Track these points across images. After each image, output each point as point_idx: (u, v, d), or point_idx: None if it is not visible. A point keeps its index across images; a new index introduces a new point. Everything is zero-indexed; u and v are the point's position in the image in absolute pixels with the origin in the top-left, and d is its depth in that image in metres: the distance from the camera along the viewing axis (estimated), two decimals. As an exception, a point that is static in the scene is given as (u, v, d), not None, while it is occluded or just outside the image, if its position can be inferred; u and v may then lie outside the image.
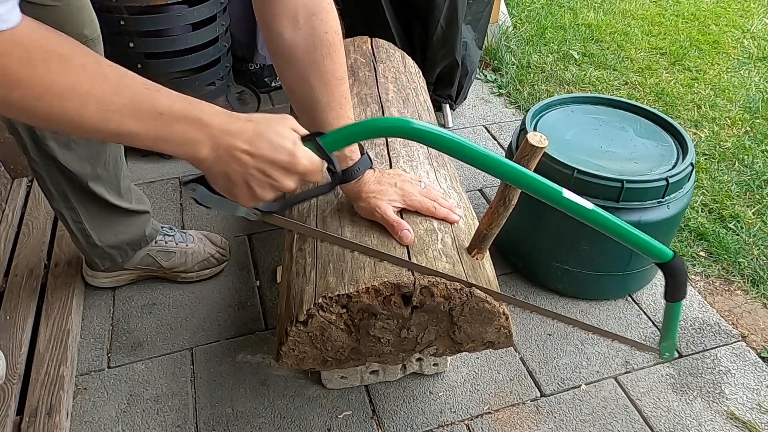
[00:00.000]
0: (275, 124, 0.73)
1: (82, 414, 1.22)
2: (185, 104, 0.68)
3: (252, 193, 0.74)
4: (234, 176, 0.72)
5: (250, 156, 0.70)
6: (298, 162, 0.73)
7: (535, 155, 0.85)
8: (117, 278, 1.45)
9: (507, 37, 2.59)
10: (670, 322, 1.00)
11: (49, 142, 1.13)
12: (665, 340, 1.03)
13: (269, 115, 0.74)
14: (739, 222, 1.72)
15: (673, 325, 1.00)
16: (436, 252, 0.96)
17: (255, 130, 0.70)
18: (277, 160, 0.71)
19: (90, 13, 1.10)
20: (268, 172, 0.72)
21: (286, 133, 0.73)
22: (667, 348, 1.04)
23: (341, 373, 1.23)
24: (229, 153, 0.70)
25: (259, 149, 0.70)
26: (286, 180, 0.73)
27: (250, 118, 0.71)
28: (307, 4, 0.89)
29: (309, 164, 0.74)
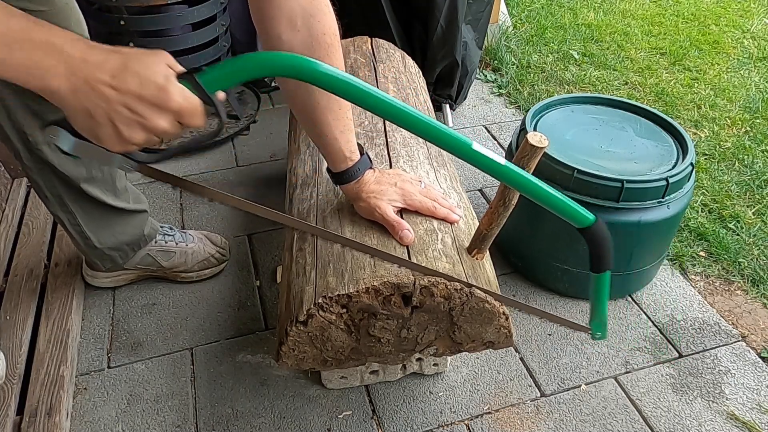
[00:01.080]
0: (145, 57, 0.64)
1: (82, 414, 1.22)
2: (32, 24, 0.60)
3: (118, 133, 0.64)
4: (96, 113, 0.63)
5: (113, 89, 0.62)
6: (170, 98, 0.64)
7: (535, 155, 0.85)
8: (117, 278, 1.45)
9: (507, 37, 2.59)
10: (597, 295, 0.93)
11: (41, 146, 1.13)
12: (595, 317, 0.96)
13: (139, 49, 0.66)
14: (739, 222, 1.72)
15: (602, 300, 0.93)
16: (436, 252, 0.96)
17: (121, 61, 0.62)
18: (146, 95, 0.63)
19: (77, 15, 1.10)
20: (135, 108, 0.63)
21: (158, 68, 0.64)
22: (597, 326, 0.97)
23: (341, 373, 1.23)
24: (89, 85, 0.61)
25: (125, 82, 0.62)
26: (156, 118, 0.64)
27: (115, 50, 0.64)
28: (304, 6, 0.89)
29: (183, 101, 0.65)
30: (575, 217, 0.85)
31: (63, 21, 1.03)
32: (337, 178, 1.02)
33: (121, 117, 0.63)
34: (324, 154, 1.01)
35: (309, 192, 1.14)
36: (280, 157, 1.95)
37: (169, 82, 0.64)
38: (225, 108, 0.70)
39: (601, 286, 0.92)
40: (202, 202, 1.77)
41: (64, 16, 1.04)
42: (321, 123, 0.95)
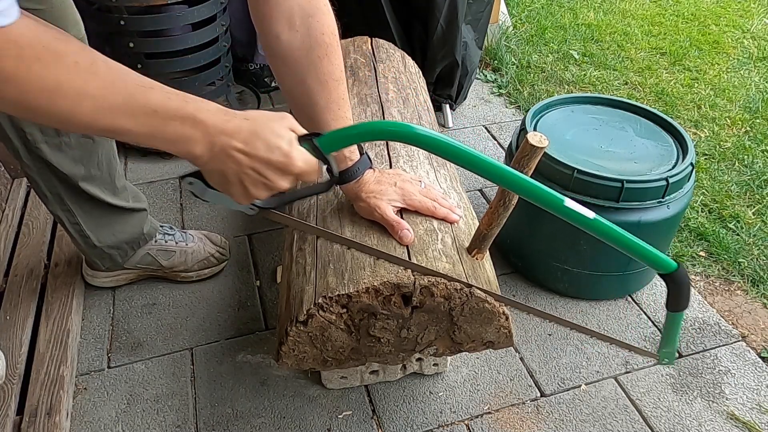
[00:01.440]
0: (272, 123, 0.72)
1: (82, 414, 1.22)
2: (180, 102, 0.67)
3: (246, 191, 0.74)
4: (229, 174, 0.72)
5: (245, 155, 0.70)
6: (293, 163, 0.72)
7: (535, 155, 0.85)
8: (117, 278, 1.45)
9: (507, 37, 2.59)
10: (671, 330, 1.01)
11: (40, 145, 1.13)
12: (665, 347, 1.03)
13: (267, 112, 0.73)
14: (739, 222, 1.72)
15: (674, 333, 1.01)
16: (436, 252, 0.96)
17: (251, 129, 0.70)
18: (272, 160, 0.71)
19: (74, 15, 1.10)
20: (262, 171, 0.72)
21: (283, 133, 0.72)
22: (666, 354, 1.05)
23: (341, 373, 1.23)
24: (225, 151, 0.70)
25: (255, 149, 0.70)
26: (280, 180, 0.73)
27: (246, 116, 0.71)
28: (303, 5, 0.89)
29: (304, 165, 0.74)
30: (660, 265, 0.90)
31: (60, 20, 1.03)
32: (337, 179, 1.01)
33: (250, 179, 0.72)
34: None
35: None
36: (280, 157, 1.94)
37: (293, 147, 0.73)
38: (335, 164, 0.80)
39: (676, 323, 0.99)
40: (201, 203, 1.76)
41: (61, 15, 1.04)
42: (320, 123, 0.95)
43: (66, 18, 1.06)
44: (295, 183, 0.76)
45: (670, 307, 0.96)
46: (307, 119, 0.97)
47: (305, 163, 0.74)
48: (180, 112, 0.67)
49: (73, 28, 1.07)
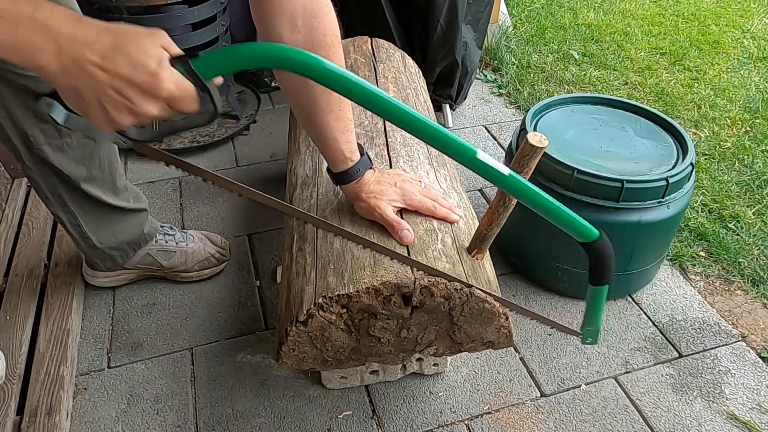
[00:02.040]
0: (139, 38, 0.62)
1: (82, 414, 1.22)
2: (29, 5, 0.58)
3: (106, 115, 0.63)
4: (85, 93, 0.61)
5: (103, 71, 0.60)
6: (161, 85, 0.62)
7: (535, 155, 0.85)
8: (117, 278, 1.45)
9: (507, 37, 2.59)
10: (593, 306, 0.95)
11: (42, 146, 1.13)
12: (588, 325, 0.99)
13: (135, 27, 0.63)
14: (739, 222, 1.72)
15: (597, 310, 0.95)
16: (436, 252, 0.96)
17: (112, 41, 0.60)
18: (136, 79, 0.61)
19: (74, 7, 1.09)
20: (124, 92, 0.61)
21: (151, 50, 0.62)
22: (590, 333, 1.00)
23: (341, 373, 1.23)
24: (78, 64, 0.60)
25: (115, 64, 0.60)
26: (146, 104, 0.62)
27: (108, 28, 0.61)
28: (305, 6, 0.89)
29: (175, 89, 0.63)
30: (580, 231, 0.85)
31: None
32: (337, 178, 1.01)
33: (110, 99, 0.62)
34: (324, 154, 1.01)
35: (309, 192, 1.14)
36: (280, 157, 1.95)
37: (162, 66, 0.62)
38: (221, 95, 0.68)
39: (598, 298, 0.94)
40: (202, 202, 1.77)
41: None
42: (321, 124, 0.95)
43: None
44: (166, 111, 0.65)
45: (592, 280, 0.91)
46: (307, 120, 0.97)
47: (176, 86, 0.63)
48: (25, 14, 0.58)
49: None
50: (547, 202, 0.81)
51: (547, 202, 0.81)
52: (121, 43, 0.60)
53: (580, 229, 0.85)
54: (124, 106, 0.62)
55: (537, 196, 0.81)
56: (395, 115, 0.73)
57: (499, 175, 0.77)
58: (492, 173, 0.77)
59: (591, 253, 0.88)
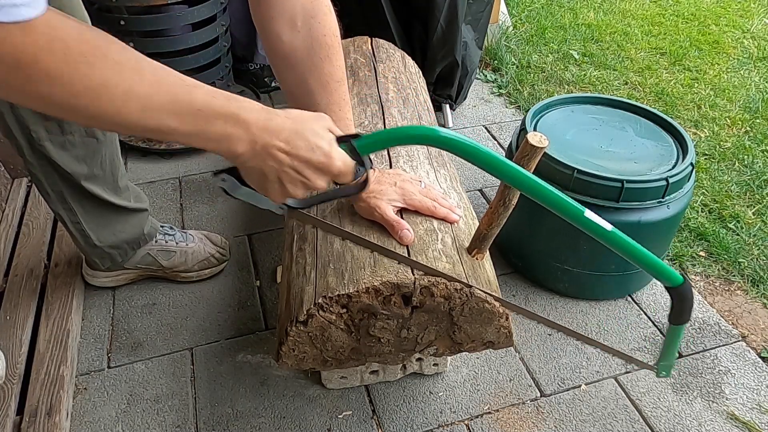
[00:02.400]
0: (312, 123, 0.73)
1: (82, 414, 1.22)
2: (223, 100, 0.68)
3: (283, 189, 0.74)
4: (268, 172, 0.72)
5: (286, 154, 0.71)
6: (333, 163, 0.73)
7: (535, 155, 0.85)
8: (117, 278, 1.45)
9: (507, 37, 2.59)
10: (671, 343, 1.01)
11: (44, 143, 1.13)
12: (664, 360, 1.04)
13: (307, 112, 0.74)
14: (739, 222, 1.72)
15: (674, 346, 1.01)
16: (436, 252, 0.96)
17: (293, 128, 0.71)
18: (313, 159, 0.72)
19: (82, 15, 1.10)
20: (302, 170, 0.73)
21: (323, 134, 0.73)
22: (664, 367, 1.05)
23: (341, 373, 1.23)
24: (266, 150, 0.70)
25: (296, 148, 0.71)
26: (318, 179, 0.74)
27: (288, 116, 0.72)
28: (305, 6, 0.89)
29: (343, 166, 0.75)
30: (666, 276, 0.90)
31: None
32: None
33: (289, 177, 0.73)
34: None
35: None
36: (280, 157, 1.94)
37: (333, 148, 0.73)
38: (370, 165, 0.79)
39: (676, 336, 1.00)
40: (202, 202, 1.77)
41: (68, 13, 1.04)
42: None
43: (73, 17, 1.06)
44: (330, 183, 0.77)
45: (674, 320, 0.97)
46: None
47: (344, 163, 0.75)
48: (224, 111, 0.67)
49: None
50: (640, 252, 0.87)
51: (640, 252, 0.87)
52: (300, 129, 0.71)
53: (666, 275, 0.90)
54: (300, 182, 0.74)
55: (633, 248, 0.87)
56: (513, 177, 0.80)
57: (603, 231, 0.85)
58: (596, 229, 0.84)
59: (675, 296, 0.94)
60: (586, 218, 0.83)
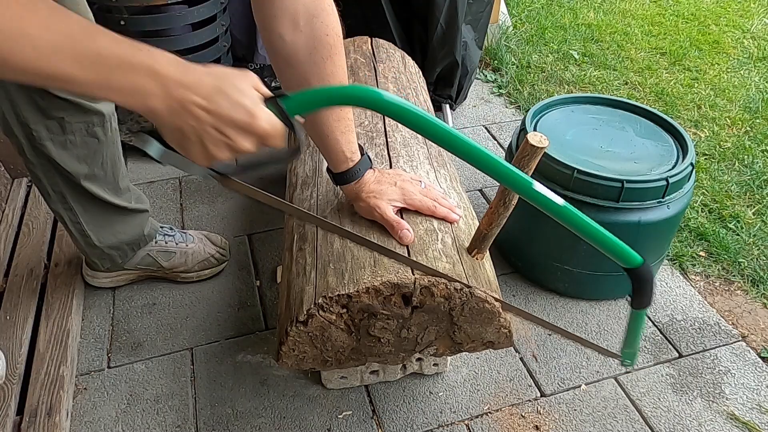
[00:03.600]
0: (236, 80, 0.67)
1: (82, 414, 1.22)
2: (131, 48, 0.62)
3: (206, 151, 0.68)
4: (188, 131, 0.66)
5: (206, 112, 0.65)
6: (258, 123, 0.67)
7: (535, 155, 0.85)
8: (117, 278, 1.45)
9: (507, 37, 2.59)
10: (633, 329, 0.98)
11: (45, 142, 1.13)
12: (627, 347, 1.02)
13: (230, 68, 0.69)
14: (739, 222, 1.72)
15: (636, 333, 0.98)
16: (436, 252, 0.96)
17: (213, 84, 0.65)
18: (236, 118, 0.66)
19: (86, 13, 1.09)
20: (224, 130, 0.67)
21: (248, 91, 0.68)
22: (628, 355, 1.03)
23: (341, 373, 1.23)
24: (184, 106, 0.64)
25: (217, 105, 0.65)
26: (243, 140, 0.69)
27: (209, 71, 0.66)
28: (307, 5, 0.89)
29: (269, 127, 0.69)
30: (624, 257, 0.87)
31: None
32: (337, 178, 1.01)
33: (211, 137, 0.67)
34: (325, 154, 1.01)
35: (309, 192, 1.14)
36: (280, 157, 1.94)
37: (257, 106, 0.68)
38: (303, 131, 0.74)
39: (638, 321, 0.97)
40: (202, 202, 1.77)
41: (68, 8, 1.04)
42: (322, 124, 0.95)
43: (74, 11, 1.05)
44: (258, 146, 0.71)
45: (634, 304, 0.94)
46: (313, 123, 0.97)
47: (270, 124, 0.69)
48: (132, 60, 0.62)
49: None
50: (595, 230, 0.84)
51: (596, 231, 0.84)
52: (222, 85, 0.66)
53: (625, 256, 0.87)
54: (223, 143, 0.68)
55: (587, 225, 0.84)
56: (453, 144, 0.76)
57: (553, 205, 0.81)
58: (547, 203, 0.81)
59: (634, 278, 0.90)
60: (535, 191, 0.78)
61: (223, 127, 0.66)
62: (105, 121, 1.19)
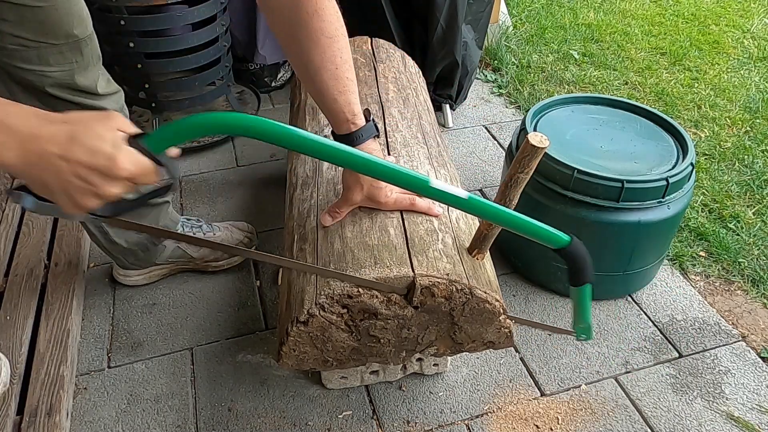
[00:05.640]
0: (94, 124, 0.66)
1: (82, 414, 1.22)
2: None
3: (73, 200, 0.66)
4: (50, 183, 0.65)
5: (64, 161, 0.63)
6: (119, 166, 0.65)
7: (535, 155, 0.85)
8: (149, 274, 1.47)
9: (507, 37, 2.59)
10: (579, 305, 0.99)
11: None
12: (579, 323, 1.02)
13: (90, 113, 0.68)
14: (739, 222, 1.72)
15: (583, 308, 0.99)
16: (437, 252, 0.96)
17: (69, 132, 0.64)
18: (95, 164, 0.64)
19: (80, 12, 1.09)
20: (86, 177, 0.64)
21: (106, 135, 0.65)
22: (582, 330, 1.03)
23: (341, 373, 1.23)
24: (41, 158, 0.63)
25: (74, 154, 0.63)
26: (107, 186, 0.66)
27: (65, 119, 0.65)
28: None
29: (133, 167, 0.66)
30: (550, 240, 0.87)
31: (64, 16, 1.03)
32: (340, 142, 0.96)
33: (74, 186, 0.65)
34: (325, 115, 0.99)
35: (309, 192, 1.14)
36: (280, 157, 1.95)
37: (118, 149, 0.65)
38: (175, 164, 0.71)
39: (581, 297, 0.98)
40: (202, 202, 1.77)
41: (66, 11, 1.04)
42: (317, 81, 0.93)
43: (70, 14, 1.05)
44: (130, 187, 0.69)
45: (573, 281, 0.95)
46: (305, 77, 0.95)
47: (134, 165, 0.66)
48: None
49: (78, 27, 1.07)
50: (512, 217, 0.84)
51: (513, 217, 0.84)
52: (77, 133, 0.64)
53: (550, 238, 0.87)
54: (88, 191, 0.65)
55: (502, 213, 0.83)
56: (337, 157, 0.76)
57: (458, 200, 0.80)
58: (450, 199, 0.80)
59: (565, 257, 0.91)
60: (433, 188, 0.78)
61: (84, 174, 0.64)
62: None
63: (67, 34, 1.04)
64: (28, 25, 0.99)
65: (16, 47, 1.01)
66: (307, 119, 1.35)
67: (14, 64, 1.02)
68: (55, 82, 1.07)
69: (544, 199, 1.37)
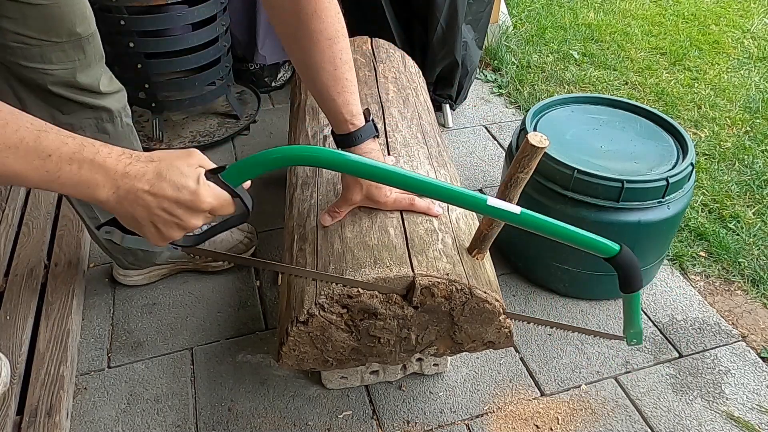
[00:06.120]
0: (177, 162, 0.71)
1: (82, 414, 1.22)
2: (76, 146, 0.66)
3: (159, 233, 0.73)
4: (139, 217, 0.71)
5: (152, 196, 0.69)
6: (202, 200, 0.72)
7: (535, 155, 0.85)
8: (149, 275, 1.47)
9: (507, 37, 2.59)
10: (630, 311, 1.01)
11: None
12: (630, 329, 1.04)
13: (173, 151, 0.73)
14: (739, 222, 1.72)
15: (634, 314, 1.01)
16: (437, 252, 0.96)
17: (156, 169, 0.70)
18: (180, 199, 0.70)
19: (83, 10, 1.09)
20: (172, 211, 0.71)
21: (188, 171, 0.71)
22: (633, 335, 1.05)
23: (341, 373, 1.23)
24: (131, 195, 0.69)
25: (161, 189, 0.70)
26: (191, 219, 0.73)
27: (151, 158, 0.71)
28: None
29: (214, 201, 0.73)
30: (601, 249, 0.89)
31: (66, 15, 1.03)
32: (338, 141, 0.99)
33: (161, 219, 0.71)
34: (325, 114, 0.99)
35: (309, 192, 1.14)
36: (280, 157, 1.94)
37: (200, 184, 0.72)
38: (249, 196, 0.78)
39: (632, 303, 1.00)
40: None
41: (68, 10, 1.04)
42: (316, 81, 0.94)
43: (73, 13, 1.05)
44: (209, 219, 0.75)
45: (623, 289, 0.97)
46: (305, 76, 0.96)
47: (215, 198, 0.73)
48: (77, 156, 0.65)
49: (80, 25, 1.07)
50: (564, 229, 0.86)
51: (565, 230, 0.86)
52: (164, 169, 0.70)
53: (601, 248, 0.89)
54: (173, 223, 0.72)
55: (554, 226, 0.86)
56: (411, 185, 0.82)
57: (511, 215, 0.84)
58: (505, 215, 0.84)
59: (616, 266, 0.93)
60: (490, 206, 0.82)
61: (170, 208, 0.71)
62: (114, 117, 1.19)
63: (69, 32, 1.04)
64: (30, 22, 1.00)
65: (19, 45, 1.01)
66: (307, 119, 1.35)
67: (16, 62, 1.03)
68: (57, 80, 1.07)
69: (544, 199, 1.37)
